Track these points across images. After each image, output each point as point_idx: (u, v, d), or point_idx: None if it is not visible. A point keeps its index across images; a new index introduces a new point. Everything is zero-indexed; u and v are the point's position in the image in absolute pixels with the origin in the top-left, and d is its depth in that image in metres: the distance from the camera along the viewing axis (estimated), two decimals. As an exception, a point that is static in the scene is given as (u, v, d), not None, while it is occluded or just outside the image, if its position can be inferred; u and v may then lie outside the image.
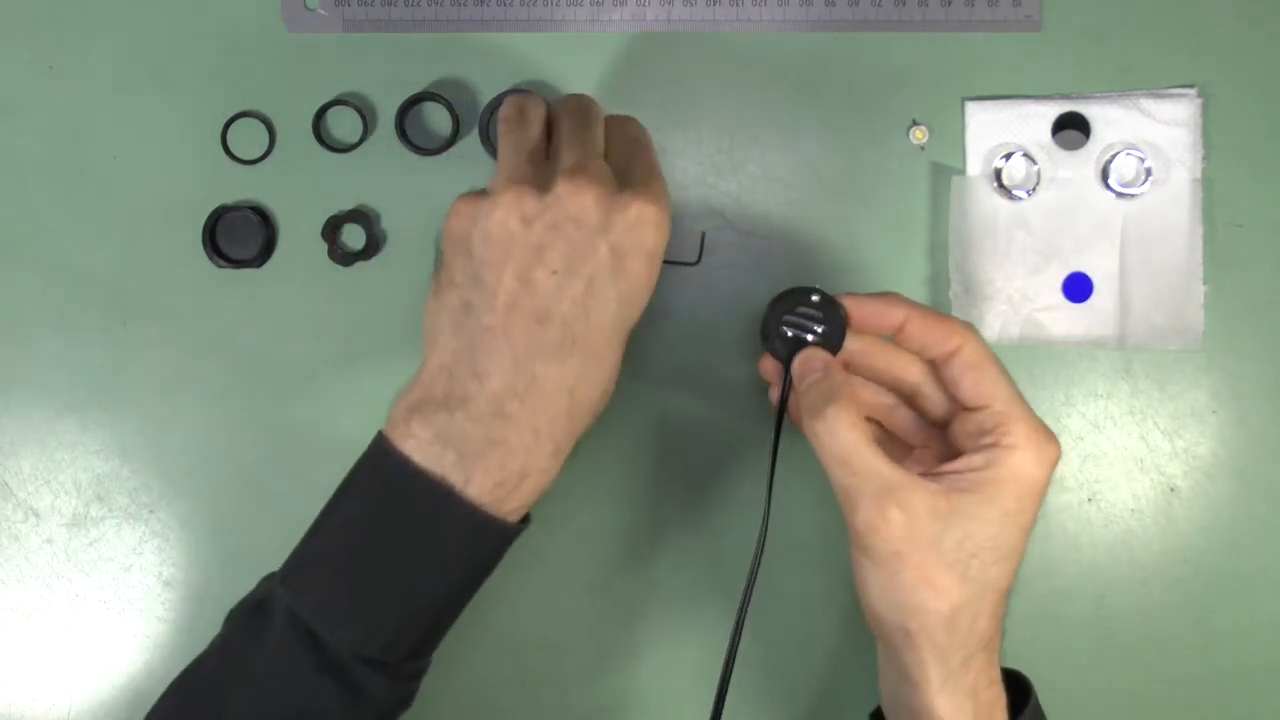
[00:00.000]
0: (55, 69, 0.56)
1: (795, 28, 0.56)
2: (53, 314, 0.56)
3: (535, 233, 0.44)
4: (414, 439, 0.44)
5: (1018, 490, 0.44)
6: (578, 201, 0.44)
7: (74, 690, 0.56)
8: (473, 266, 0.45)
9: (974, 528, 0.43)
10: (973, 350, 0.45)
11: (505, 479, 0.44)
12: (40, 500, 0.56)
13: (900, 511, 0.43)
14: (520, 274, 0.44)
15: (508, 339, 0.44)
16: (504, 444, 0.44)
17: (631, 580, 0.56)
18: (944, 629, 0.43)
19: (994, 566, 0.44)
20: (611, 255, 0.44)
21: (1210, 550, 0.56)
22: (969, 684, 0.44)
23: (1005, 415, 0.44)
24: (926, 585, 0.43)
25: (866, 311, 0.47)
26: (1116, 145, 0.55)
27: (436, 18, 0.56)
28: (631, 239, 0.45)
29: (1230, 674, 0.56)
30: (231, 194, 0.56)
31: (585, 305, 0.45)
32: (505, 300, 0.45)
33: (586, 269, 0.44)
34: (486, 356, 0.45)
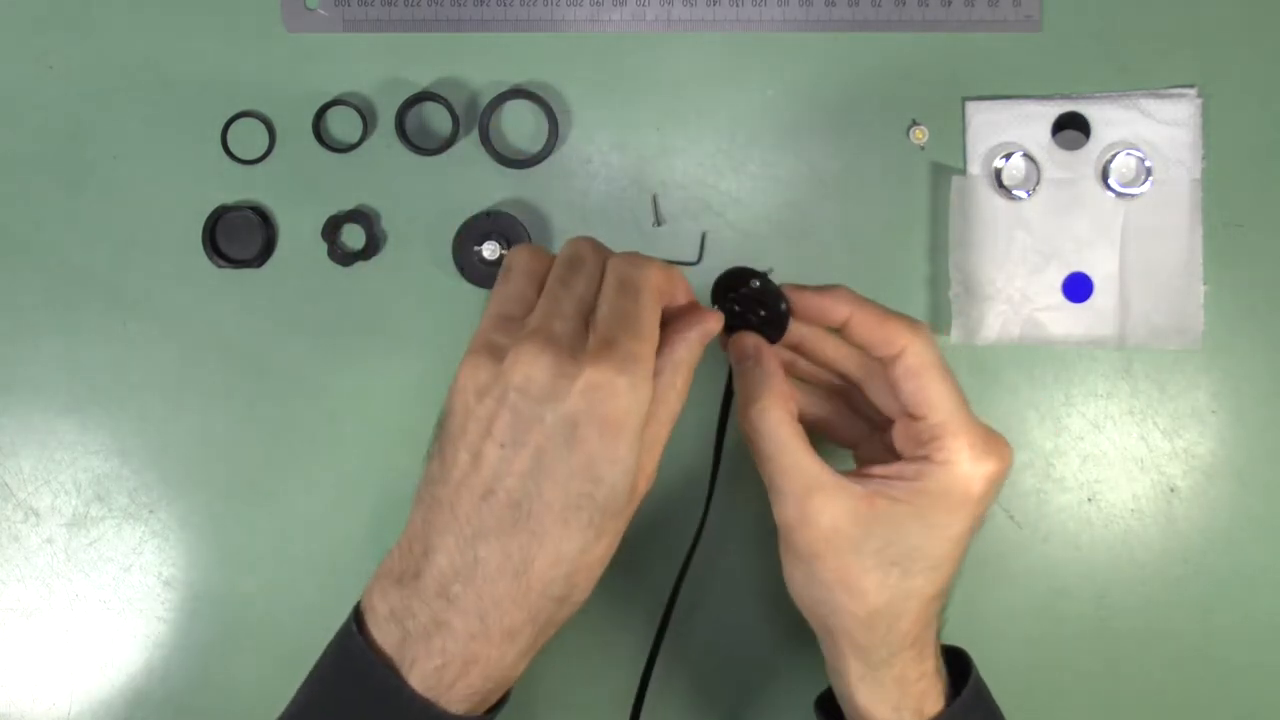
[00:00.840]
0: (55, 69, 0.56)
1: (795, 28, 0.56)
2: (53, 314, 0.56)
3: (486, 405, 0.41)
4: (373, 612, 0.42)
5: (948, 504, 0.43)
6: (523, 370, 0.40)
7: (74, 690, 0.56)
8: (442, 435, 0.43)
9: (896, 536, 0.43)
10: (915, 356, 0.44)
11: (448, 663, 0.41)
12: (40, 500, 0.56)
13: (821, 513, 0.43)
14: (471, 448, 0.41)
15: (454, 515, 0.41)
16: (447, 626, 0.41)
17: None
18: (861, 629, 0.43)
19: (919, 575, 0.43)
20: (562, 425, 0.40)
21: (1210, 550, 0.56)
22: (894, 676, 0.44)
23: (942, 428, 0.43)
24: (843, 588, 0.43)
25: (808, 305, 0.45)
26: (1116, 145, 0.55)
27: (436, 18, 0.56)
28: (583, 407, 0.39)
29: (1230, 674, 0.56)
30: (231, 194, 0.56)
31: (535, 479, 0.40)
32: (457, 475, 0.41)
33: (532, 440, 0.40)
34: (436, 533, 0.41)
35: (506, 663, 0.41)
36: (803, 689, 0.54)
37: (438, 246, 0.55)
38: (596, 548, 0.41)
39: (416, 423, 0.55)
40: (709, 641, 0.56)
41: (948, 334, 0.55)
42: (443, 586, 0.41)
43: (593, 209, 0.56)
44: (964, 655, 0.48)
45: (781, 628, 0.56)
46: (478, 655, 0.41)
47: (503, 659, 0.41)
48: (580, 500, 0.40)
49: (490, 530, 0.40)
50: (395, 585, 0.42)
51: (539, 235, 0.56)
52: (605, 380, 0.39)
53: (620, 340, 0.40)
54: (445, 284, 0.55)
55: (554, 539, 0.40)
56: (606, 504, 0.40)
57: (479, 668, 0.41)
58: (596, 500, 0.40)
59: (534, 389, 0.40)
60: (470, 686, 0.41)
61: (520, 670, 0.43)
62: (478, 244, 0.55)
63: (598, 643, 0.56)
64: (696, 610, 0.55)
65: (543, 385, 0.40)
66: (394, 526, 0.55)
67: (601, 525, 0.41)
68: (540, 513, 0.40)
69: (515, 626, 0.41)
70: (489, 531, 0.40)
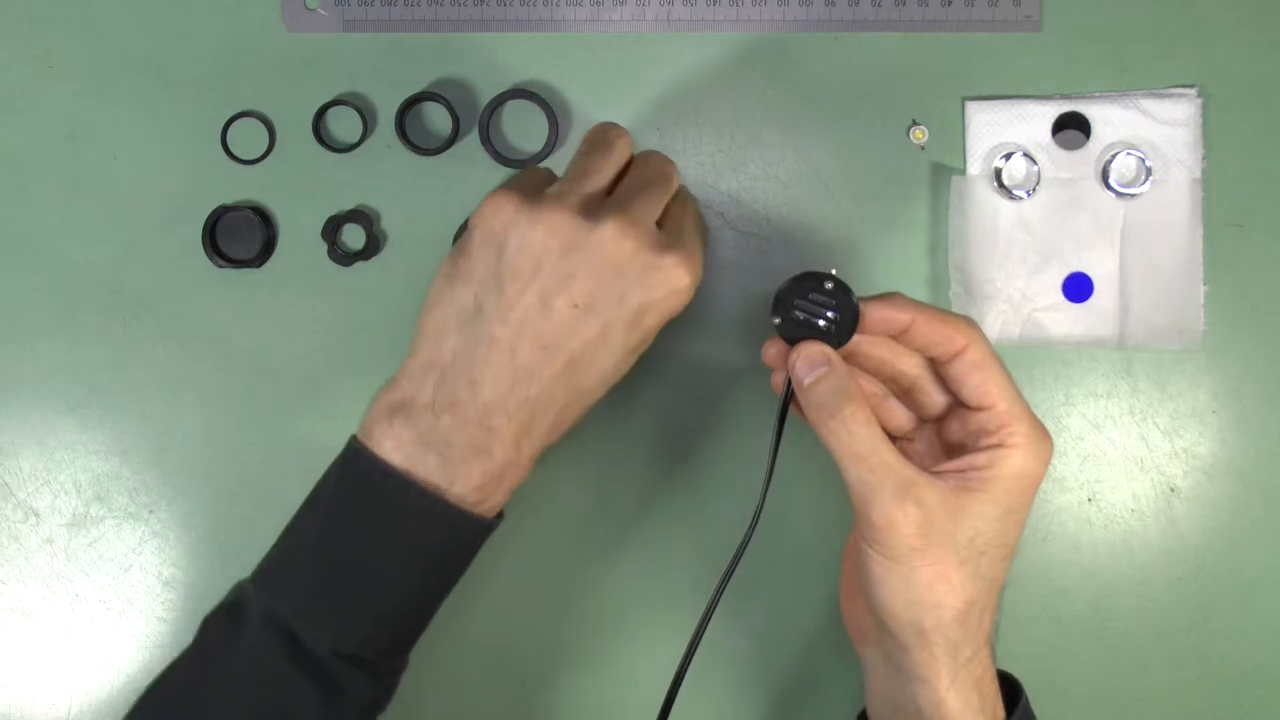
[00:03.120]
0: (55, 69, 0.56)
1: (795, 28, 0.56)
2: (53, 314, 0.56)
3: (570, 261, 0.44)
4: (394, 439, 0.45)
5: (1020, 488, 0.45)
6: (619, 246, 0.44)
7: (74, 690, 0.56)
8: (499, 268, 0.45)
9: (983, 525, 0.44)
10: (978, 351, 0.45)
11: (486, 483, 0.45)
12: (40, 500, 0.56)
13: (918, 508, 0.43)
14: (543, 295, 0.44)
15: (511, 356, 0.45)
16: (487, 453, 0.45)
17: (623, 573, 0.56)
18: (957, 624, 0.44)
19: (999, 564, 0.45)
20: (635, 309, 0.45)
21: (1210, 550, 0.56)
22: (975, 678, 0.45)
23: (1009, 415, 0.45)
24: (943, 581, 0.44)
25: (876, 314, 0.46)
26: (1116, 145, 0.55)
27: (436, 18, 0.56)
28: (657, 298, 0.45)
29: (1230, 674, 0.56)
30: (231, 194, 0.56)
31: (594, 348, 0.45)
32: (519, 315, 0.44)
33: (606, 313, 0.45)
34: (485, 367, 0.45)
35: (526, 473, 0.47)
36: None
37: (438, 246, 0.55)
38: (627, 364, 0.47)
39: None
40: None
41: (948, 334, 0.55)
42: (485, 417, 0.45)
43: (593, 209, 0.56)
44: (1010, 677, 0.49)
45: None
46: (507, 475, 0.46)
47: (524, 471, 0.47)
48: (618, 371, 0.47)
49: (546, 378, 0.45)
50: (425, 412, 0.45)
51: (539, 235, 0.56)
52: (682, 282, 0.45)
53: (693, 246, 0.47)
54: (445, 284, 0.55)
55: (590, 396, 0.47)
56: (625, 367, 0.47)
57: (507, 482, 0.46)
58: (622, 371, 0.47)
59: (626, 267, 0.45)
60: (501, 497, 0.46)
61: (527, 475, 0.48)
62: (478, 244, 0.54)
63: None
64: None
65: (634, 268, 0.45)
66: (394, 526, 0.55)
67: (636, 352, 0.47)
68: (588, 375, 0.46)
69: (540, 446, 0.47)
70: (541, 380, 0.45)
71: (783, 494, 0.54)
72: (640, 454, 0.56)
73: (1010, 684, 0.48)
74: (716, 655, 0.55)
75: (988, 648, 0.46)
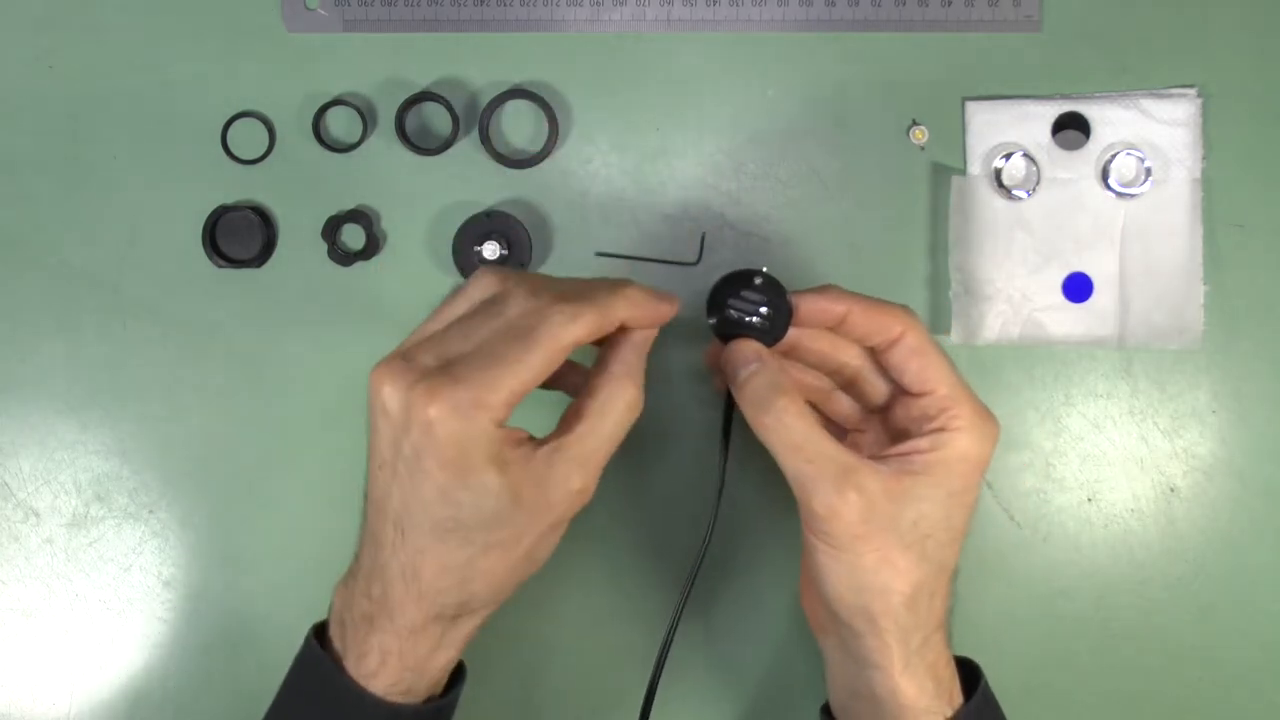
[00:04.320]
0: (55, 69, 0.56)
1: (795, 28, 0.56)
2: (53, 314, 0.56)
3: (374, 418, 0.43)
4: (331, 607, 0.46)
5: (964, 470, 0.45)
6: (381, 393, 0.42)
7: (74, 690, 0.56)
8: None
9: (926, 509, 0.44)
10: (915, 337, 0.46)
11: (368, 653, 0.43)
12: (40, 500, 0.56)
13: (858, 494, 0.43)
14: (370, 459, 0.44)
15: (366, 521, 0.45)
16: (370, 621, 0.44)
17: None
18: (906, 609, 0.44)
19: (946, 547, 0.45)
20: (411, 454, 0.41)
21: (1210, 550, 0.56)
22: (929, 663, 0.45)
23: (949, 399, 0.45)
24: (888, 566, 0.44)
25: (810, 307, 0.47)
26: (1116, 145, 0.55)
27: (436, 18, 0.56)
28: (423, 441, 0.41)
29: (1230, 674, 0.56)
30: (231, 194, 0.56)
31: (403, 500, 0.42)
32: (367, 485, 0.45)
33: (398, 464, 0.42)
34: (362, 534, 0.45)
35: (419, 654, 0.43)
36: (813, 695, 0.54)
37: (438, 246, 0.55)
38: (484, 560, 0.42)
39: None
40: (718, 646, 0.56)
41: (948, 334, 0.55)
42: (368, 585, 0.44)
43: (592, 209, 0.56)
44: (970, 662, 0.49)
45: (791, 632, 0.56)
46: (391, 648, 0.43)
47: (415, 651, 0.43)
48: (446, 522, 0.41)
49: (384, 540, 0.43)
50: (344, 584, 0.45)
51: (539, 235, 0.56)
52: (437, 418, 0.40)
53: (468, 379, 0.40)
54: (445, 284, 0.55)
55: (434, 554, 0.42)
56: (478, 524, 0.41)
57: (395, 659, 0.43)
58: (463, 521, 0.41)
59: (392, 413, 0.41)
60: (390, 676, 0.43)
61: (444, 659, 0.45)
62: (478, 244, 0.55)
63: (607, 648, 0.56)
64: (705, 614, 0.56)
65: (396, 412, 0.41)
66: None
67: (485, 541, 0.42)
68: (414, 530, 0.42)
69: (419, 624, 0.43)
70: (384, 541, 0.43)
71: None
72: (637, 453, 0.56)
73: (969, 668, 0.48)
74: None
75: (941, 632, 0.46)
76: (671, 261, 0.56)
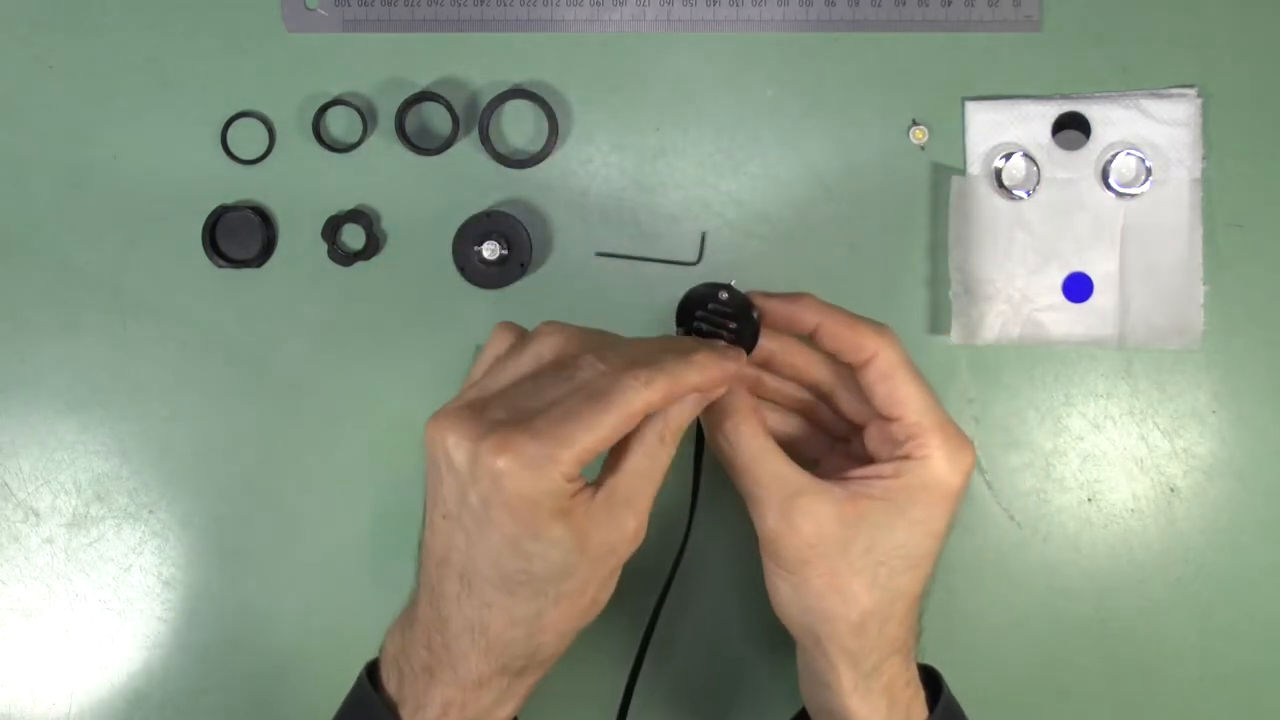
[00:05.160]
0: (55, 69, 0.56)
1: (795, 28, 0.56)
2: (53, 314, 0.56)
3: (437, 470, 0.41)
4: (384, 652, 0.45)
5: (928, 499, 0.43)
6: (445, 445, 0.40)
7: (74, 690, 0.56)
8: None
9: (881, 535, 0.43)
10: (886, 359, 0.44)
11: (428, 705, 0.42)
12: (40, 500, 0.56)
13: (806, 518, 0.43)
14: (431, 510, 0.43)
15: (425, 572, 0.43)
16: (430, 672, 0.43)
17: None
18: (853, 635, 0.43)
19: (904, 574, 0.44)
20: (479, 505, 0.40)
21: (1210, 550, 0.56)
22: (883, 685, 0.44)
23: (918, 427, 0.44)
24: (835, 592, 0.43)
25: (778, 312, 0.46)
26: (1116, 145, 0.55)
27: (436, 18, 0.56)
28: (491, 492, 0.39)
29: (1230, 674, 0.56)
30: (231, 194, 0.56)
31: (470, 554, 0.41)
32: (426, 535, 0.43)
33: (466, 516, 0.41)
34: (420, 585, 0.44)
35: (482, 706, 0.42)
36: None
37: (438, 246, 0.55)
38: (554, 611, 0.41)
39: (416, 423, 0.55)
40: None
41: (948, 334, 0.55)
42: (427, 637, 0.42)
43: (593, 209, 0.56)
44: (933, 672, 0.48)
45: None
46: (453, 700, 0.42)
47: (478, 703, 0.42)
48: (517, 575, 0.40)
49: (447, 593, 0.42)
50: (399, 629, 0.44)
51: (539, 235, 0.56)
52: (506, 470, 0.39)
53: (541, 433, 0.39)
54: (445, 284, 0.55)
55: (502, 607, 0.41)
56: (549, 576, 0.40)
57: (457, 710, 0.42)
58: (535, 573, 0.40)
59: (458, 464, 0.40)
60: None
61: (507, 711, 0.43)
62: (477, 244, 0.55)
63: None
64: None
65: (463, 463, 0.40)
66: (394, 527, 0.55)
67: (556, 593, 0.41)
68: (482, 585, 0.41)
69: (484, 677, 0.42)
70: (447, 594, 0.42)
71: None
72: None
73: (932, 676, 0.48)
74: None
75: (900, 655, 0.45)
76: (671, 261, 0.56)
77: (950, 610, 0.55)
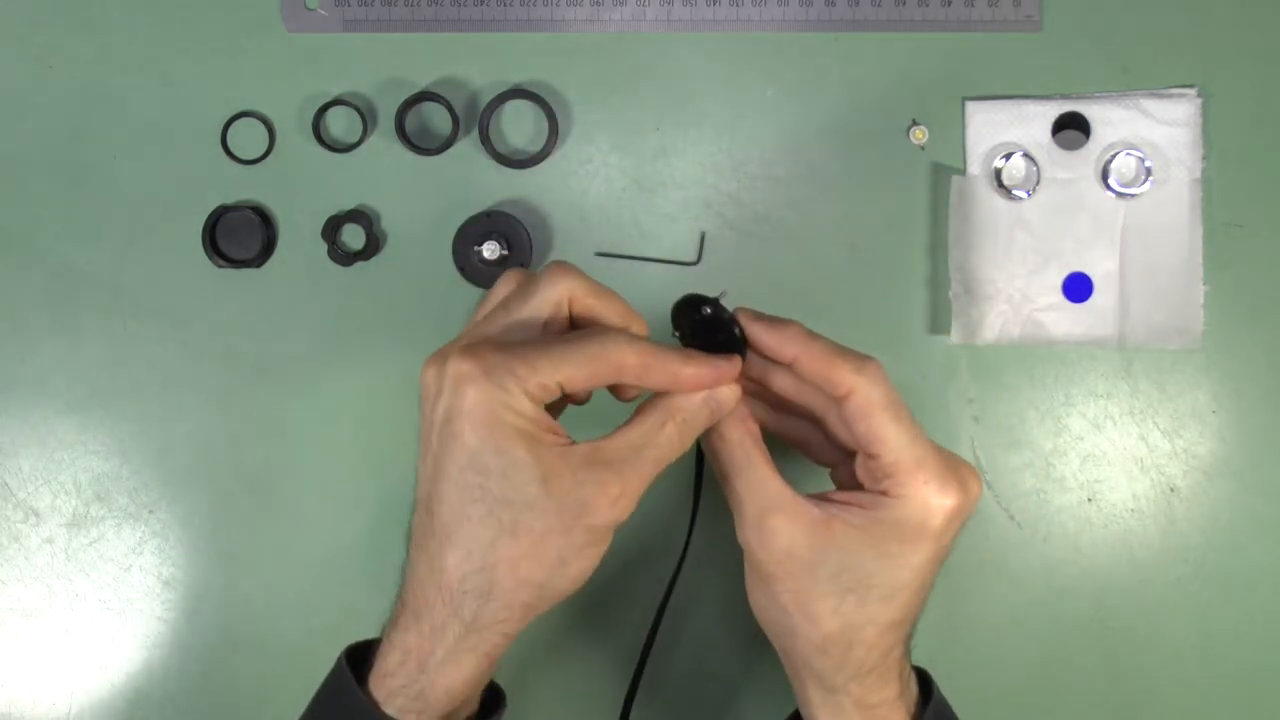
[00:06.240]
0: (55, 69, 0.56)
1: (795, 28, 0.56)
2: (53, 314, 0.56)
3: (421, 416, 0.43)
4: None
5: (901, 535, 0.42)
6: (425, 376, 0.42)
7: (74, 690, 0.56)
8: None
9: (852, 562, 0.42)
10: (863, 398, 0.42)
11: (389, 652, 0.43)
12: (40, 500, 0.56)
13: (777, 534, 0.42)
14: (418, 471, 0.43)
15: (410, 534, 0.44)
16: (395, 623, 0.43)
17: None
18: (815, 654, 0.43)
19: (875, 604, 0.42)
20: (442, 421, 0.41)
21: (1210, 550, 0.56)
22: (854, 700, 0.44)
23: (895, 466, 0.42)
24: (799, 610, 0.43)
25: (759, 338, 0.44)
26: (1116, 145, 0.55)
27: (436, 18, 0.56)
28: (452, 401, 0.40)
29: (1230, 674, 0.56)
30: (231, 194, 0.56)
31: (435, 481, 0.41)
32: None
33: (431, 443, 0.41)
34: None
35: (435, 658, 0.42)
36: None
37: (438, 246, 0.55)
38: (510, 544, 0.40)
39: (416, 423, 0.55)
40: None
41: (948, 334, 0.55)
42: (401, 589, 0.43)
43: (592, 209, 0.56)
44: (927, 677, 0.47)
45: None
46: (411, 648, 0.42)
47: (432, 653, 0.42)
48: (473, 492, 0.40)
49: (418, 539, 0.42)
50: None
51: (539, 235, 0.56)
52: (465, 372, 0.40)
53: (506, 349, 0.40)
54: (445, 284, 0.55)
55: (460, 535, 0.41)
56: (504, 498, 0.40)
57: (414, 660, 0.42)
58: (491, 491, 0.40)
59: (428, 386, 0.42)
60: (405, 678, 0.42)
61: (459, 673, 0.42)
62: (477, 244, 0.55)
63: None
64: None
65: (431, 383, 0.41)
66: (394, 527, 0.55)
67: (512, 521, 0.40)
68: (443, 512, 0.41)
69: (440, 622, 0.41)
70: (418, 540, 0.42)
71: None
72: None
73: (922, 677, 0.47)
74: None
75: (874, 675, 0.44)
76: (671, 261, 0.56)
77: (950, 610, 0.55)
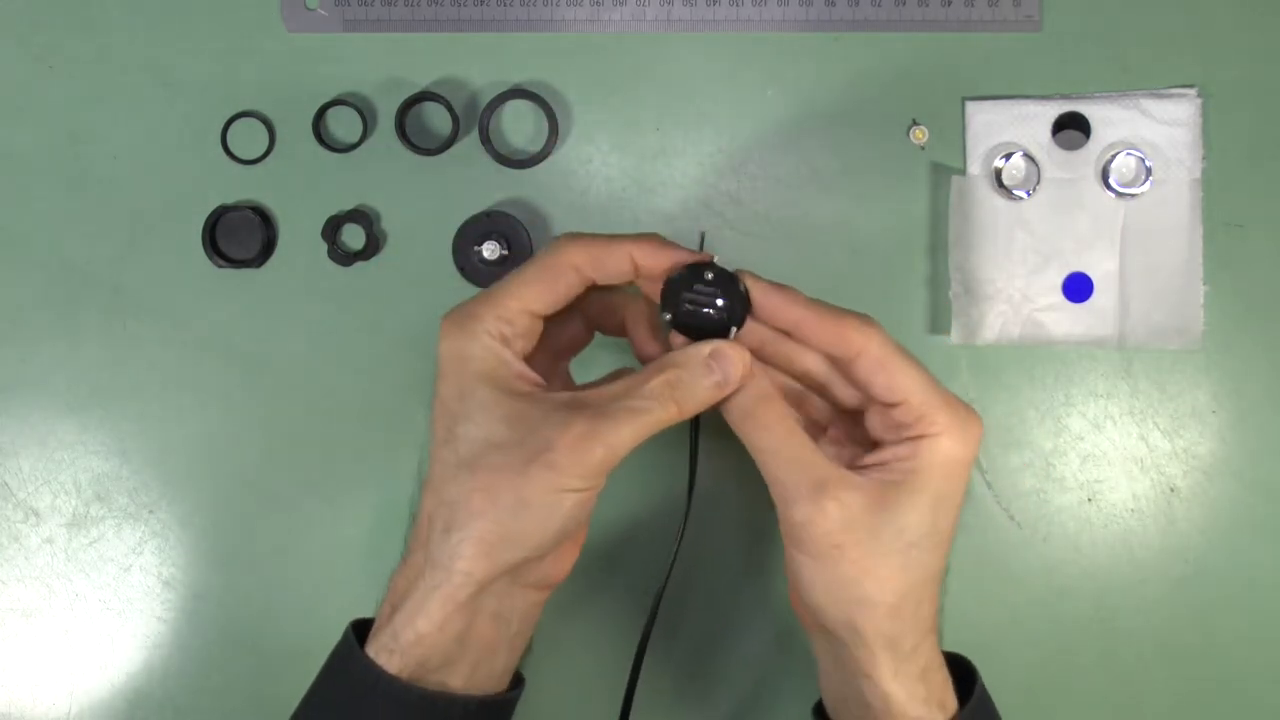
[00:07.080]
0: (55, 69, 0.56)
1: (795, 28, 0.56)
2: (53, 314, 0.56)
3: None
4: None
5: (947, 474, 0.44)
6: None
7: (74, 690, 0.56)
8: None
9: (913, 518, 0.43)
10: (877, 350, 0.44)
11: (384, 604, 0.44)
12: (40, 500, 0.56)
13: (837, 505, 0.42)
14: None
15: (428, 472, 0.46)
16: (392, 581, 0.44)
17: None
18: (890, 620, 0.43)
19: (931, 553, 0.44)
20: (439, 377, 0.44)
21: (1210, 550, 0.56)
22: (920, 667, 0.44)
23: (924, 406, 0.43)
24: (869, 577, 0.43)
25: (764, 299, 0.45)
26: (1116, 145, 0.55)
27: (436, 18, 0.56)
28: (438, 356, 0.44)
29: (1230, 674, 0.56)
30: (231, 194, 0.56)
31: (429, 434, 0.44)
32: None
33: (434, 401, 0.44)
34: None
35: (408, 599, 0.42)
36: (788, 698, 0.54)
37: (438, 246, 0.55)
38: (468, 478, 0.42)
39: (416, 423, 0.55)
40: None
41: (948, 334, 0.55)
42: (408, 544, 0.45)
43: (593, 209, 0.56)
44: (964, 660, 0.48)
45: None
46: (394, 588, 0.43)
47: (407, 593, 0.42)
48: (445, 435, 0.43)
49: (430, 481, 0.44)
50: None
51: (539, 235, 0.56)
52: (443, 330, 0.44)
53: (475, 299, 0.44)
54: (445, 284, 0.55)
55: (433, 476, 0.44)
56: (469, 435, 0.42)
57: (390, 600, 0.43)
58: (457, 433, 0.43)
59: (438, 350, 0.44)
60: (385, 619, 0.43)
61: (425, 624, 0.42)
62: (477, 244, 0.55)
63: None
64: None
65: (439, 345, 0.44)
66: (394, 526, 0.55)
67: (471, 456, 0.42)
68: (430, 464, 0.44)
69: (416, 562, 0.43)
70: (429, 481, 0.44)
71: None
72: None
73: (964, 667, 0.47)
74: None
75: (932, 637, 0.45)
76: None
77: (950, 610, 0.55)
